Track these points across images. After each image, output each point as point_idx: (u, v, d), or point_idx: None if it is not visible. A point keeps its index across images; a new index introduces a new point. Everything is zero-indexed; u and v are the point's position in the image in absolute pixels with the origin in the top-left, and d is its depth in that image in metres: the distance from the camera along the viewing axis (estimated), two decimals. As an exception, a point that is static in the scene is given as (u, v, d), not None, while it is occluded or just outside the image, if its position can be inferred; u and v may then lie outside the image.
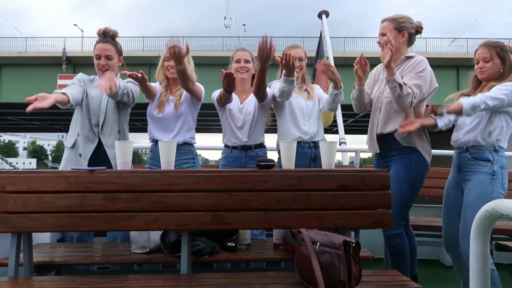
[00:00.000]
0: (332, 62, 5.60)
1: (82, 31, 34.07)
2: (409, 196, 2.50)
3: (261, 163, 2.03)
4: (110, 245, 2.43)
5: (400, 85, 2.36)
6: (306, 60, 2.95)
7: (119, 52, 2.69)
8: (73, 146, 2.59)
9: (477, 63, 2.48)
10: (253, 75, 2.81)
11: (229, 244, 2.22)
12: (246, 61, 2.82)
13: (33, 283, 1.76)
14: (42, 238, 2.54)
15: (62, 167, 2.60)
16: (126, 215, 1.89)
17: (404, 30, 2.55)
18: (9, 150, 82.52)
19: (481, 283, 1.13)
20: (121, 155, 2.01)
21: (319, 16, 6.07)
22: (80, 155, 2.57)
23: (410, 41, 2.60)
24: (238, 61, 2.83)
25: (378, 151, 2.61)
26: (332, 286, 1.58)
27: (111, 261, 2.15)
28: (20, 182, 1.89)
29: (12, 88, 21.51)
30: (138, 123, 26.37)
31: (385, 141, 2.57)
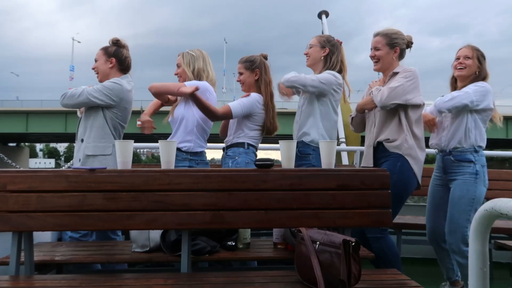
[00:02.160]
0: None
1: (79, 42, 35.74)
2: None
3: (256, 163, 2.03)
4: (110, 244, 2.44)
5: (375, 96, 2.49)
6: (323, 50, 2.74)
7: (108, 53, 2.76)
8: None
9: (458, 59, 2.67)
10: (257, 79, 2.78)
11: (229, 243, 2.23)
12: (240, 74, 2.84)
13: (34, 282, 1.77)
14: (43, 237, 2.54)
15: None
16: (126, 215, 1.90)
17: (397, 46, 2.60)
18: (31, 152, 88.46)
19: (480, 282, 1.13)
20: (121, 155, 2.01)
21: (319, 16, 6.06)
22: None
23: (402, 56, 2.66)
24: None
25: (372, 165, 2.59)
26: (332, 285, 1.58)
27: (112, 260, 2.16)
28: (21, 182, 1.89)
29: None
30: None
31: (377, 150, 2.59)
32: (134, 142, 2.09)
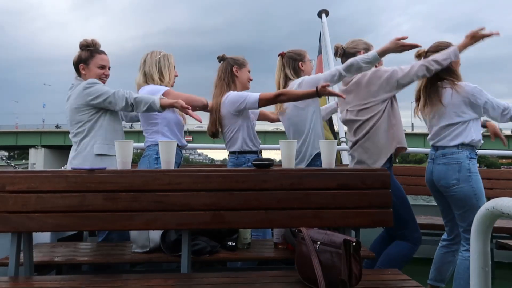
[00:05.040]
0: (332, 63, 5.58)
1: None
2: None
3: (254, 162, 2.03)
4: (110, 245, 2.43)
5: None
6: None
7: None
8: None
9: None
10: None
11: (230, 243, 2.22)
12: None
13: (33, 283, 1.76)
14: (42, 237, 2.54)
15: None
16: (126, 215, 1.89)
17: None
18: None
19: (481, 282, 1.12)
20: (121, 155, 2.01)
21: (319, 15, 6.04)
22: None
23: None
24: (249, 71, 2.84)
25: None
26: (333, 285, 1.57)
27: (112, 261, 2.15)
28: (20, 182, 1.89)
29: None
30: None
31: None
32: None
